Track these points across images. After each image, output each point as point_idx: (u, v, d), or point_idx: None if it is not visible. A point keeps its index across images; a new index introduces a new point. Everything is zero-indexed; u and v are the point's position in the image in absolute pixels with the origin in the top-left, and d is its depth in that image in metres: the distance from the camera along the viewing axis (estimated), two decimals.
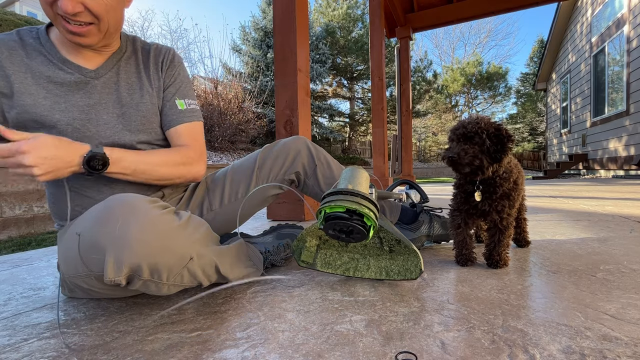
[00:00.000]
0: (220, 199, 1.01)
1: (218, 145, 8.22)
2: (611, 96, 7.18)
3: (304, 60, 2.08)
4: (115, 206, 0.63)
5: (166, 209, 0.70)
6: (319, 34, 14.28)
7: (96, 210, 0.65)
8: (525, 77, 22.71)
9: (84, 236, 0.64)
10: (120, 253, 0.60)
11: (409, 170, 5.53)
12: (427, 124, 20.62)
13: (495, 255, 0.98)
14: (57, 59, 0.80)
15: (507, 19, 29.50)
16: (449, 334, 0.61)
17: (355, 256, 0.95)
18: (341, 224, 0.72)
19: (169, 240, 0.65)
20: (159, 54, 0.93)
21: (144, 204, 0.65)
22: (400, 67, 5.40)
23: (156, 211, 0.66)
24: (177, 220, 0.69)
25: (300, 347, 0.58)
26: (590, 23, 8.05)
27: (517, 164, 1.02)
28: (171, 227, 0.66)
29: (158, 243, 0.63)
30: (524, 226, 1.20)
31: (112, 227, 0.60)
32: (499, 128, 0.90)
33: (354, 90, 17.23)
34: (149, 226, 0.62)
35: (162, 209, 0.69)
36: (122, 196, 0.66)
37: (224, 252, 0.81)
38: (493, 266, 0.98)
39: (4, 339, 0.66)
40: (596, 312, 0.68)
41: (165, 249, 0.64)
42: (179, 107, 0.93)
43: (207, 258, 0.74)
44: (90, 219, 0.65)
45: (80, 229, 0.65)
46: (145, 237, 0.61)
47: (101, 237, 0.61)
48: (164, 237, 0.64)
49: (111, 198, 0.66)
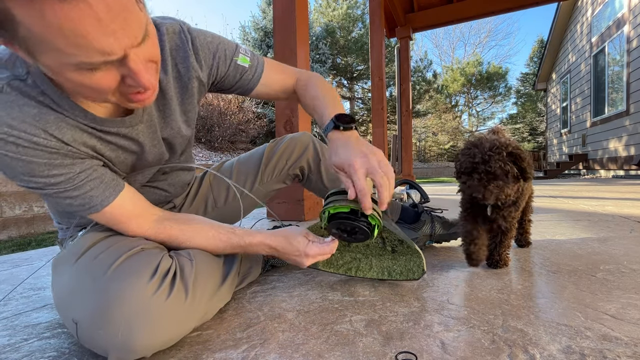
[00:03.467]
0: (226, 196, 1.02)
1: (218, 145, 8.22)
2: (611, 96, 7.18)
3: (304, 60, 2.08)
4: (114, 307, 0.53)
5: (174, 281, 0.60)
6: (319, 34, 14.29)
7: (93, 305, 0.54)
8: (525, 77, 22.70)
9: (82, 328, 0.55)
10: (124, 354, 0.53)
11: (409, 170, 5.53)
12: (427, 124, 20.62)
13: (495, 256, 0.98)
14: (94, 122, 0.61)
15: (507, 19, 29.50)
16: (449, 334, 0.61)
17: (357, 256, 0.94)
18: (345, 223, 0.72)
19: (175, 333, 0.58)
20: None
21: (147, 296, 0.55)
22: (400, 67, 5.41)
23: (161, 300, 0.56)
24: (184, 296, 0.60)
25: (300, 347, 0.58)
26: (590, 23, 8.05)
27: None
28: (179, 316, 0.58)
29: (165, 339, 0.56)
30: (527, 227, 1.19)
31: (112, 332, 0.52)
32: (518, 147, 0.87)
33: (354, 90, 17.24)
34: (154, 327, 0.54)
35: (169, 287, 0.58)
36: (121, 287, 0.54)
37: (227, 288, 0.74)
38: (493, 266, 0.99)
39: (4, 339, 0.66)
40: (596, 312, 0.68)
41: (171, 341, 0.58)
42: (245, 65, 0.80)
43: (211, 312, 0.69)
44: (86, 308, 0.55)
45: (77, 316, 0.55)
46: (150, 342, 0.54)
47: (101, 340, 0.53)
48: (170, 332, 0.57)
49: (109, 290, 0.54)
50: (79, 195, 0.60)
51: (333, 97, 0.82)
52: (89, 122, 0.59)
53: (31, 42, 0.42)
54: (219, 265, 0.75)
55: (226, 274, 0.75)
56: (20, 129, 0.52)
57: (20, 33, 0.40)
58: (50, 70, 0.46)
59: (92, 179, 0.61)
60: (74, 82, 0.48)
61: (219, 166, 1.07)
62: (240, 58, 0.80)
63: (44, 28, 0.40)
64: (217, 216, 1.00)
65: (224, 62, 0.77)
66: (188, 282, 0.61)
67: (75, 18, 0.40)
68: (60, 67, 0.45)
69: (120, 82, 0.50)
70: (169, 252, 0.67)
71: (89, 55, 0.44)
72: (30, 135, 0.53)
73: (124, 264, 0.58)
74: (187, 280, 0.61)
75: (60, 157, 0.57)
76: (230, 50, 0.78)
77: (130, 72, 0.49)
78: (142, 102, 0.56)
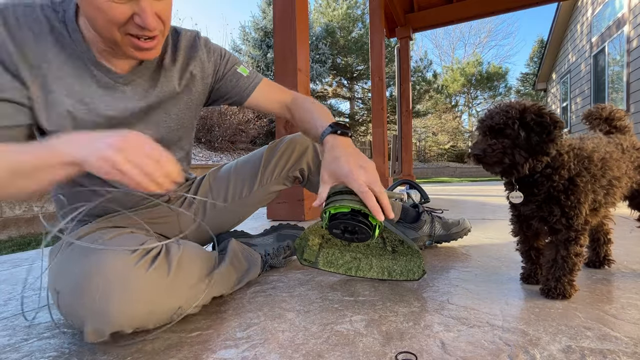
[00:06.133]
0: (224, 199, 1.01)
1: (218, 145, 8.22)
2: (611, 96, 7.18)
3: (304, 60, 2.08)
4: (94, 273, 0.55)
5: (157, 257, 0.62)
6: (319, 34, 14.29)
7: (74, 274, 0.56)
8: (525, 77, 22.71)
9: (63, 297, 0.57)
10: (101, 324, 0.54)
11: (409, 170, 5.53)
12: (427, 124, 20.62)
13: (550, 281, 0.75)
14: (91, 63, 0.67)
15: (507, 19, 29.51)
16: (449, 334, 0.61)
17: (357, 255, 0.94)
18: (347, 223, 0.72)
19: (155, 305, 0.59)
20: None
21: (127, 265, 0.57)
22: (400, 67, 5.40)
23: (141, 272, 0.58)
24: (166, 272, 0.62)
25: (300, 347, 0.58)
26: (590, 23, 8.05)
27: (594, 153, 0.74)
28: (159, 288, 0.60)
29: (143, 310, 0.57)
30: (604, 244, 0.93)
31: (90, 298, 0.54)
32: (541, 113, 0.70)
33: (354, 90, 17.24)
34: (132, 295, 0.55)
35: (151, 261, 0.60)
36: (102, 257, 0.57)
37: (217, 280, 0.75)
38: (544, 294, 0.75)
39: (4, 339, 0.66)
40: (596, 312, 0.68)
41: (151, 314, 0.59)
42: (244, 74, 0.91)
43: (198, 297, 0.69)
44: (69, 276, 0.57)
45: (59, 285, 0.58)
46: (127, 309, 0.55)
47: (79, 308, 0.54)
48: (149, 303, 0.58)
49: (91, 259, 0.57)
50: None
51: (327, 112, 0.90)
52: (86, 56, 0.67)
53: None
54: (210, 255, 0.78)
55: (214, 267, 0.77)
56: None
57: None
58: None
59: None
60: (93, 5, 0.56)
61: (218, 169, 1.08)
62: (240, 68, 0.92)
63: None
64: (217, 218, 1.00)
65: (226, 64, 0.89)
66: (172, 262, 0.63)
67: None
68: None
69: (129, 20, 0.58)
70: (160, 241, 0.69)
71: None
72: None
73: (111, 240, 0.62)
74: (172, 260, 0.64)
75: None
76: (234, 59, 0.92)
77: (140, 9, 0.57)
78: (144, 52, 0.64)
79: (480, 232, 1.55)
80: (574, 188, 0.72)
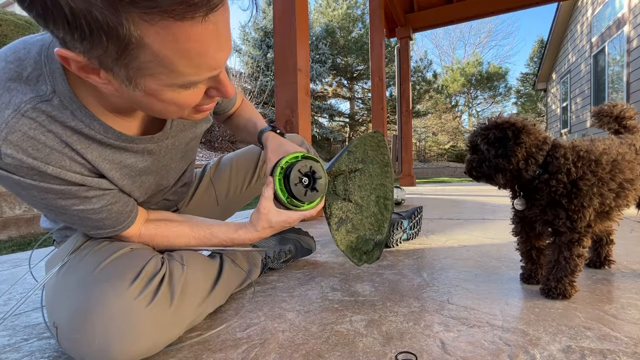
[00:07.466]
0: (226, 193, 1.03)
1: (218, 145, 8.23)
2: (611, 96, 7.18)
3: (304, 60, 2.08)
4: (91, 312, 0.51)
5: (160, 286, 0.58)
6: (319, 34, 14.29)
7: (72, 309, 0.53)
8: (525, 77, 22.69)
9: (62, 333, 0.53)
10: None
11: (408, 170, 5.53)
12: (427, 124, 20.60)
13: (551, 281, 0.76)
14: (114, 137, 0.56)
15: (507, 19, 29.37)
16: (449, 334, 0.61)
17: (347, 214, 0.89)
18: (300, 165, 0.70)
19: (159, 337, 0.56)
20: None
21: (126, 301, 0.53)
22: (400, 67, 5.40)
23: (142, 306, 0.54)
24: (169, 302, 0.58)
25: (300, 347, 0.58)
26: (590, 23, 8.05)
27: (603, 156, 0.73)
28: (162, 322, 0.56)
29: (145, 346, 0.54)
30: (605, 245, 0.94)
31: (89, 336, 0.50)
32: (501, 126, 0.74)
33: (354, 90, 17.23)
34: (133, 334, 0.52)
35: (154, 292, 0.57)
36: (99, 292, 0.53)
37: (219, 292, 0.73)
38: (545, 294, 0.76)
39: (4, 339, 0.66)
40: (596, 312, 0.68)
41: (154, 346, 0.56)
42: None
43: (202, 316, 0.68)
44: (67, 310, 0.53)
45: (57, 319, 0.54)
46: (129, 348, 0.52)
47: (78, 345, 0.51)
48: (152, 337, 0.55)
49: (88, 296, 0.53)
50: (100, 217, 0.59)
51: (261, 117, 0.95)
52: (119, 141, 0.57)
53: (149, 66, 0.39)
54: (213, 267, 0.75)
55: (217, 276, 0.75)
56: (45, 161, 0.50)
57: (142, 58, 0.38)
58: (145, 91, 0.44)
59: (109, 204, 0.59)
60: (165, 102, 0.46)
61: (217, 161, 1.08)
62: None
63: (172, 52, 0.38)
64: (220, 211, 1.01)
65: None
66: (175, 288, 0.60)
67: (204, 39, 0.39)
68: (162, 88, 0.43)
69: (205, 97, 0.51)
70: (163, 254, 0.66)
71: (200, 73, 0.43)
72: (57, 169, 0.51)
73: (109, 266, 0.57)
74: (175, 286, 0.60)
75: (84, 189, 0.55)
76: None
77: (219, 84, 0.49)
78: (206, 112, 0.56)
79: (480, 232, 1.55)
80: (577, 192, 0.71)
